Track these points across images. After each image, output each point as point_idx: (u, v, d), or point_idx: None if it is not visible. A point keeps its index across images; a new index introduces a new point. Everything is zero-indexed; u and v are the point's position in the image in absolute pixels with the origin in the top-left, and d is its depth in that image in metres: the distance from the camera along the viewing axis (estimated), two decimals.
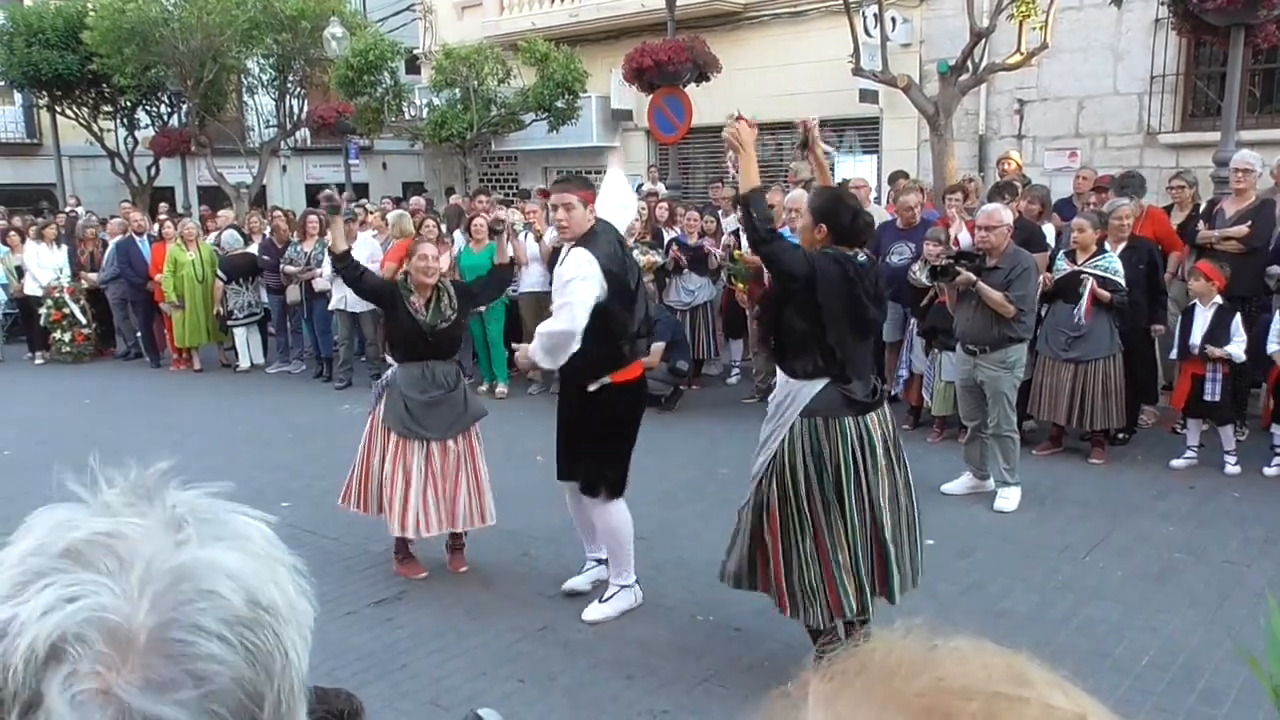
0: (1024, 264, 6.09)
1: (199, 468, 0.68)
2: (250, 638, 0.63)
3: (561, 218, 4.63)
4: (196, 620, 0.61)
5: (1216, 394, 6.63)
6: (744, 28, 15.19)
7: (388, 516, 5.19)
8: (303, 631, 0.68)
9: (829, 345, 3.90)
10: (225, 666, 0.61)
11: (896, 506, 3.97)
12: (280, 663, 0.64)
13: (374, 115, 16.20)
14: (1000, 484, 6.24)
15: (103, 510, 0.65)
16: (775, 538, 3.97)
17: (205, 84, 16.93)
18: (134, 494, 0.67)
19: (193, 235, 11.88)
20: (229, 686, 0.61)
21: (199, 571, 0.63)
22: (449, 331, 5.29)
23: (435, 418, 5.21)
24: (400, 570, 5.38)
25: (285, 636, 0.65)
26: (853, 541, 3.87)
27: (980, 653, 0.56)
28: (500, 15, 17.69)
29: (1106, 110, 12.16)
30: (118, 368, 12.61)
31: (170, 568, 0.62)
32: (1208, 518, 5.95)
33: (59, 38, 17.32)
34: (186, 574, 0.62)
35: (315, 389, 10.70)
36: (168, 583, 0.61)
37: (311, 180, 22.77)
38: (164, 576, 0.62)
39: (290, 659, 0.65)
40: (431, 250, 5.34)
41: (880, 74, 11.17)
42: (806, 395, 3.94)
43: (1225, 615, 4.61)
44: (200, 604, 0.61)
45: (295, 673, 0.66)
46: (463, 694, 4.11)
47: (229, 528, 0.68)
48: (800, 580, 3.91)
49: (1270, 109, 11.50)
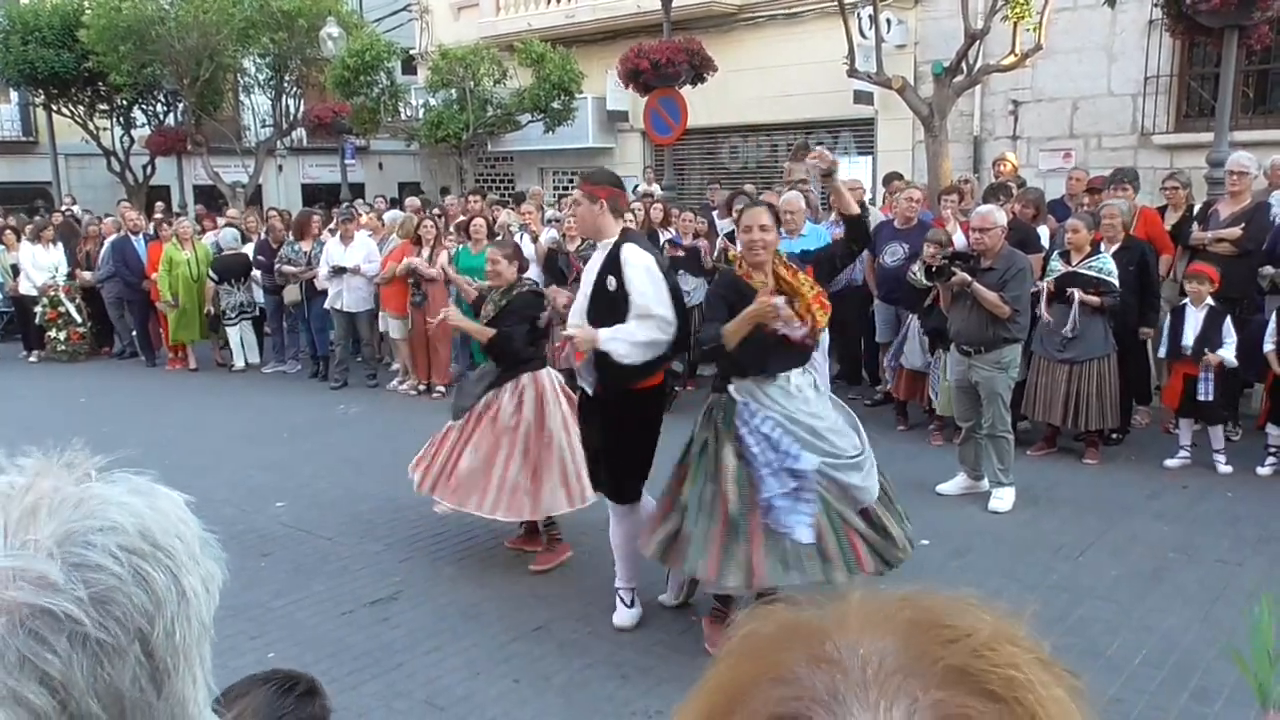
0: (1018, 265, 6.11)
1: (194, 466, 0.70)
2: (142, 565, 0.70)
3: (570, 214, 4.62)
4: (89, 538, 0.68)
5: (1209, 394, 6.65)
6: (739, 29, 15.20)
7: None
8: (208, 585, 0.76)
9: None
10: (115, 579, 0.68)
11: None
12: (174, 598, 0.71)
13: (370, 115, 16.20)
14: (995, 484, 6.26)
15: (15, 470, 0.73)
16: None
17: (201, 83, 16.91)
18: (50, 461, 0.75)
19: (188, 234, 11.88)
20: (118, 598, 0.68)
21: (96, 501, 0.71)
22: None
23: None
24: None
25: (183, 579, 0.72)
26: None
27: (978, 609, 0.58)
28: (496, 16, 17.69)
29: (1101, 111, 12.19)
30: (113, 366, 12.60)
31: (68, 495, 0.70)
32: (1201, 517, 5.97)
33: (55, 36, 17.29)
34: (84, 501, 0.70)
35: (311, 389, 10.70)
36: (66, 506, 0.70)
37: (307, 180, 22.76)
38: (63, 502, 0.70)
39: (189, 599, 0.73)
40: (491, 253, 5.59)
41: (875, 75, 11.18)
42: None
43: (1218, 614, 4.63)
44: (94, 523, 0.69)
45: (194, 613, 0.73)
46: (458, 693, 4.12)
47: (135, 484, 0.75)
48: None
49: (1264, 110, 11.53)
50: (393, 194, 18.62)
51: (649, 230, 10.00)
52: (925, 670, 0.52)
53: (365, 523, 6.23)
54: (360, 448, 8.06)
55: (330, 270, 10.22)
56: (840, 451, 4.20)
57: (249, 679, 1.57)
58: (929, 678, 0.51)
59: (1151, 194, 9.25)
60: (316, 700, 1.55)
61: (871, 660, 0.52)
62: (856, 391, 9.24)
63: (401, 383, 10.45)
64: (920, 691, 0.50)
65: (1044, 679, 0.53)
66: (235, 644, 4.50)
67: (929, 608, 0.56)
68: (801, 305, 4.14)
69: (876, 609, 0.56)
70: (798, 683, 0.52)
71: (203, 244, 12.06)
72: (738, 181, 13.97)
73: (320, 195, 19.95)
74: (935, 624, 0.55)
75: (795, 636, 0.55)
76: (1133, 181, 8.15)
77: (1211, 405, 6.69)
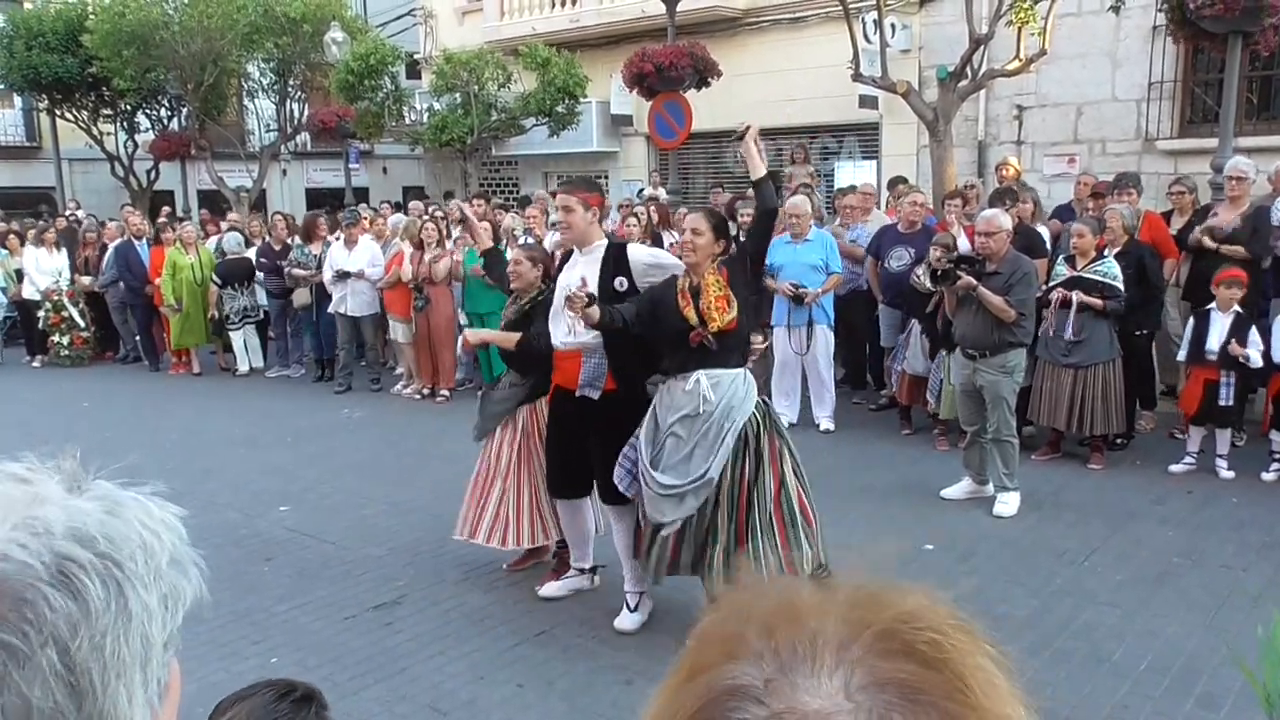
0: (1024, 269, 6.11)
1: (197, 470, 0.70)
2: (72, 569, 0.67)
3: (563, 220, 4.63)
4: (16, 538, 0.67)
5: (1230, 399, 6.65)
6: (744, 33, 15.21)
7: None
8: (169, 603, 0.73)
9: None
10: (31, 580, 0.65)
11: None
12: (110, 612, 0.68)
13: (374, 120, 16.22)
14: (999, 489, 6.24)
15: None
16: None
17: (205, 87, 16.92)
18: (38, 465, 0.74)
19: (192, 239, 11.89)
20: (33, 598, 0.65)
21: (38, 504, 0.69)
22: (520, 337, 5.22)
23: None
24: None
25: (130, 593, 0.69)
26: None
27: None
28: (501, 20, 17.71)
29: (1105, 116, 12.18)
30: (116, 371, 12.61)
31: (15, 496, 0.70)
32: (1206, 523, 5.96)
33: (59, 41, 17.31)
34: (23, 503, 0.69)
35: (315, 393, 10.70)
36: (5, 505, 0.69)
37: (311, 184, 22.78)
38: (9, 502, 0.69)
39: (132, 614, 0.69)
40: (515, 254, 5.36)
41: (880, 80, 11.18)
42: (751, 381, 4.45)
43: (1223, 619, 4.62)
44: (23, 526, 0.67)
45: (137, 630, 0.70)
46: (462, 698, 4.11)
47: (103, 492, 0.73)
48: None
49: (1267, 116, 11.51)
50: (397, 198, 18.63)
51: (652, 232, 10.01)
52: (857, 638, 0.57)
53: (369, 527, 6.22)
54: (364, 452, 8.06)
55: (334, 275, 10.23)
56: (677, 480, 4.30)
57: (256, 685, 1.59)
58: (861, 645, 0.57)
59: (1156, 199, 9.24)
60: (313, 705, 1.56)
61: (815, 637, 0.57)
62: (861, 396, 9.24)
63: (405, 387, 10.45)
64: (855, 659, 0.56)
65: (968, 646, 0.58)
66: (238, 649, 4.50)
67: (866, 588, 0.62)
68: (704, 303, 4.25)
69: (823, 594, 0.62)
70: (749, 660, 0.57)
71: (206, 248, 12.08)
72: (742, 186, 13.93)
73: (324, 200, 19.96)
74: (869, 600, 0.60)
75: (749, 620, 0.60)
76: (1136, 186, 8.15)
77: (1231, 410, 6.69)
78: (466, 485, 5.31)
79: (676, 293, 4.36)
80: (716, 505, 4.29)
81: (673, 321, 4.33)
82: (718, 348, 4.30)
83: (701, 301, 4.26)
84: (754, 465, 4.29)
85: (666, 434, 4.35)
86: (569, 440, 4.83)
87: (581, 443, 4.76)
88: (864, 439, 7.98)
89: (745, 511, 4.26)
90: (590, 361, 4.63)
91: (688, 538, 4.35)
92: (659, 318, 4.40)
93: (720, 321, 4.24)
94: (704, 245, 4.32)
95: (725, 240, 4.43)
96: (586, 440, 4.73)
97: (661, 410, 4.43)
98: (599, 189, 4.89)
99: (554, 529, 5.18)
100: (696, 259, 4.34)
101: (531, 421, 5.17)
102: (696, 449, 4.26)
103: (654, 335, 4.45)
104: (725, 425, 4.27)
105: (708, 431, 4.26)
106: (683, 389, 4.33)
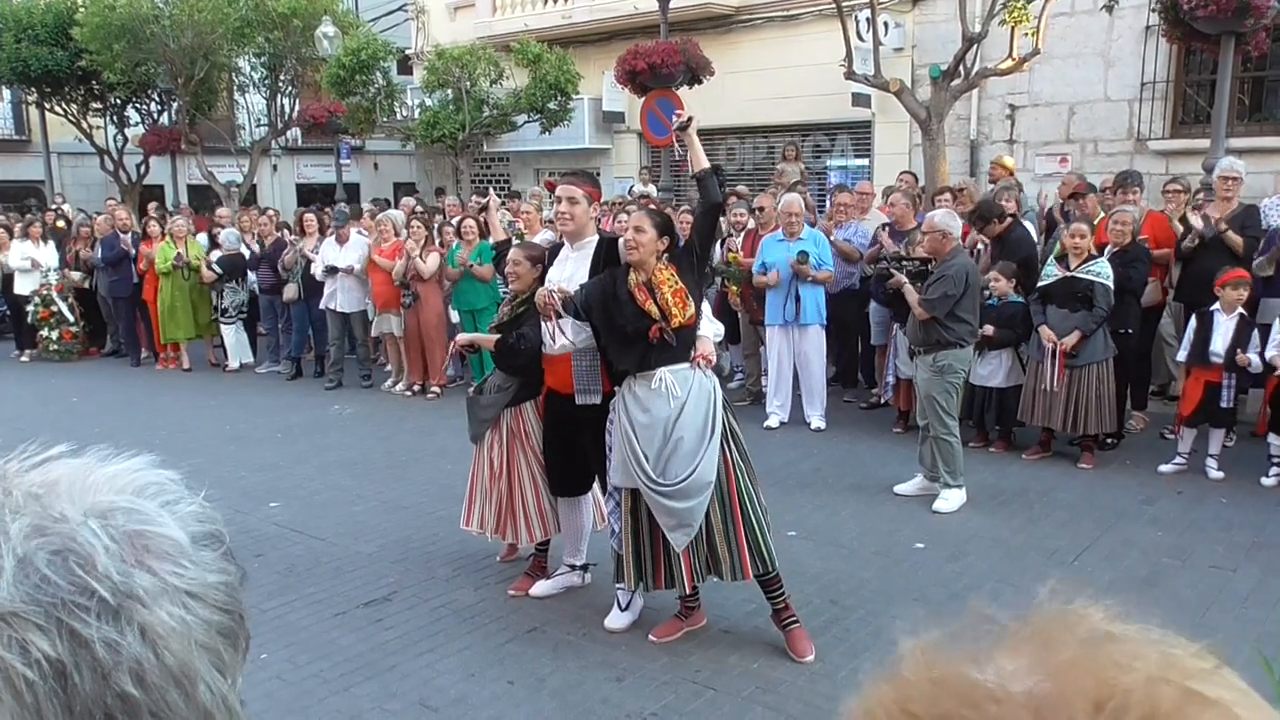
0: (949, 270, 6.14)
1: (186, 467, 0.68)
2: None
3: (565, 211, 4.57)
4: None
5: (1231, 400, 6.68)
6: (736, 31, 15.21)
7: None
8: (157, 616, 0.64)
9: None
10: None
11: None
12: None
13: (365, 115, 16.17)
14: (943, 485, 6.30)
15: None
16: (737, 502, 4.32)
17: (196, 82, 16.85)
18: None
19: (182, 233, 11.82)
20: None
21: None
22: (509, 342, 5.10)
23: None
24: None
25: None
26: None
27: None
28: (493, 16, 17.68)
29: (1097, 116, 12.21)
30: (106, 366, 12.54)
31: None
32: (1195, 523, 5.97)
33: (48, 34, 17.21)
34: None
35: (305, 389, 10.67)
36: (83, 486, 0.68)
37: (302, 180, 22.71)
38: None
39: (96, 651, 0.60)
40: (513, 253, 5.12)
41: (872, 78, 11.19)
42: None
43: (1212, 620, 4.62)
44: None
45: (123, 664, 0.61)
46: (452, 695, 4.10)
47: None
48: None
49: (1259, 117, 11.56)
50: (388, 194, 18.58)
51: None
52: None
53: (359, 524, 6.20)
54: (355, 448, 8.03)
55: (325, 269, 10.20)
56: (661, 480, 4.24)
57: None
58: None
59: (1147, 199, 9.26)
60: None
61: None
62: (852, 394, 9.24)
63: (396, 383, 10.42)
64: None
65: None
66: None
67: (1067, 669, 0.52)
68: (660, 298, 4.22)
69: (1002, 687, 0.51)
70: None
71: (196, 242, 12.01)
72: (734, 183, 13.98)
73: (315, 195, 19.91)
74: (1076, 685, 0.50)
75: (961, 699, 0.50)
76: (1139, 185, 8.20)
77: (1229, 411, 6.73)
78: (467, 481, 5.33)
79: (629, 290, 4.27)
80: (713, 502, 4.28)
81: (630, 319, 4.24)
82: (676, 343, 4.26)
83: (659, 296, 4.22)
84: (735, 451, 4.33)
85: (645, 431, 4.27)
86: (566, 442, 4.80)
87: (579, 443, 4.74)
88: (855, 437, 7.99)
89: (737, 499, 4.28)
90: (581, 364, 4.59)
91: (699, 546, 4.29)
92: (612, 316, 4.29)
93: (681, 316, 4.22)
94: (647, 243, 4.26)
95: (670, 238, 4.36)
96: (583, 439, 4.71)
97: (630, 412, 4.32)
98: (598, 184, 4.85)
99: (553, 525, 5.17)
100: (640, 256, 4.27)
101: (517, 424, 5.11)
102: (682, 446, 4.22)
103: (607, 336, 4.35)
104: (707, 422, 4.24)
105: (686, 427, 4.23)
106: (647, 387, 4.28)
